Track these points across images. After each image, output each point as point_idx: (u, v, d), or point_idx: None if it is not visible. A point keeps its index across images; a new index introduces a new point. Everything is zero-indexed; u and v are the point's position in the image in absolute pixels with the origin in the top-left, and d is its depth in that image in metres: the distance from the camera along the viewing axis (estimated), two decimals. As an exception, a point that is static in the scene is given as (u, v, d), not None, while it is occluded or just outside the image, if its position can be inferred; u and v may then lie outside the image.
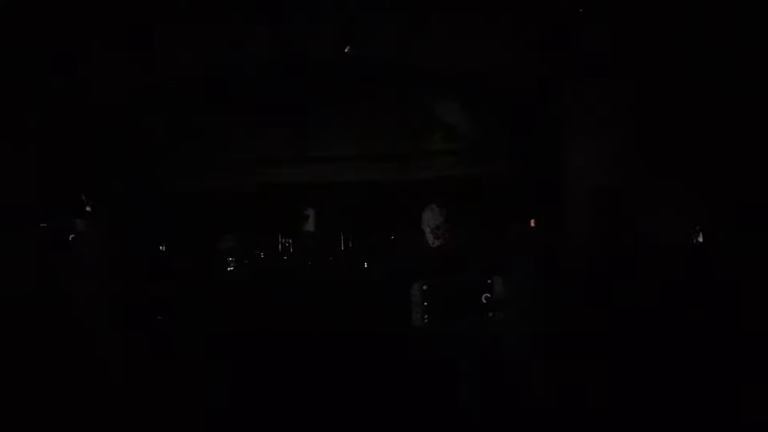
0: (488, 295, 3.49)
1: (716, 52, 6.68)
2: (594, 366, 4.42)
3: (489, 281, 3.53)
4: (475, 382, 3.65)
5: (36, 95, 7.43)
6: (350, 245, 9.42)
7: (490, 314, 3.50)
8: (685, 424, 3.87)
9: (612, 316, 4.89)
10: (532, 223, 9.30)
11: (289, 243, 9.16)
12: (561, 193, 8.62)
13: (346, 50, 8.16)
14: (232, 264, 8.25)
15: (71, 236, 7.21)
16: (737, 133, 6.74)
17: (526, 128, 9.27)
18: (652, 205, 7.22)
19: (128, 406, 4.28)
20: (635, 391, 4.16)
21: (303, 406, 4.26)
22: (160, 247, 8.50)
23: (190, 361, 5.06)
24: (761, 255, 5.43)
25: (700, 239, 6.72)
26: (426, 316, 3.61)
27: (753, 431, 3.74)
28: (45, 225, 7.23)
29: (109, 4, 6.77)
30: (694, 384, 4.16)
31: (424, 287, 3.63)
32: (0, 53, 6.72)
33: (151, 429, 4.15)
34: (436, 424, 3.58)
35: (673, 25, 6.84)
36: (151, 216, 8.81)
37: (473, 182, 9.74)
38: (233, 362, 4.88)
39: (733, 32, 6.48)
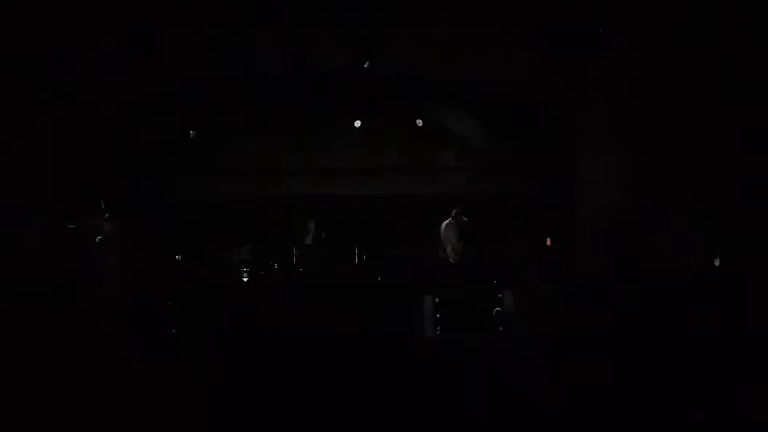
0: (499, 309, 3.55)
1: (733, 69, 6.69)
2: (604, 382, 4.43)
3: (500, 295, 3.59)
4: (484, 392, 3.69)
5: (45, 95, 7.53)
6: (364, 258, 9.49)
7: (501, 328, 3.56)
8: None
9: (622, 333, 4.90)
10: (548, 241, 9.36)
11: (299, 254, 9.24)
12: (574, 209, 8.63)
13: (366, 65, 8.25)
14: (246, 275, 8.32)
15: (98, 238, 7.34)
16: (753, 153, 6.75)
17: (539, 144, 9.31)
18: (664, 222, 7.23)
19: (144, 408, 4.34)
20: (642, 405, 4.16)
21: (313, 409, 4.29)
22: (177, 256, 8.60)
23: (202, 367, 5.11)
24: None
25: (713, 258, 6.73)
26: (438, 328, 3.68)
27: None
28: (71, 226, 7.37)
29: (117, 5, 6.83)
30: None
31: (437, 299, 3.70)
32: (8, 50, 6.83)
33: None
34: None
35: (689, 44, 6.87)
36: (162, 221, 8.94)
37: (486, 197, 9.80)
38: (249, 376, 4.92)
39: (751, 48, 6.50)
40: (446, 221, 9.09)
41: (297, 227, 9.42)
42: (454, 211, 9.15)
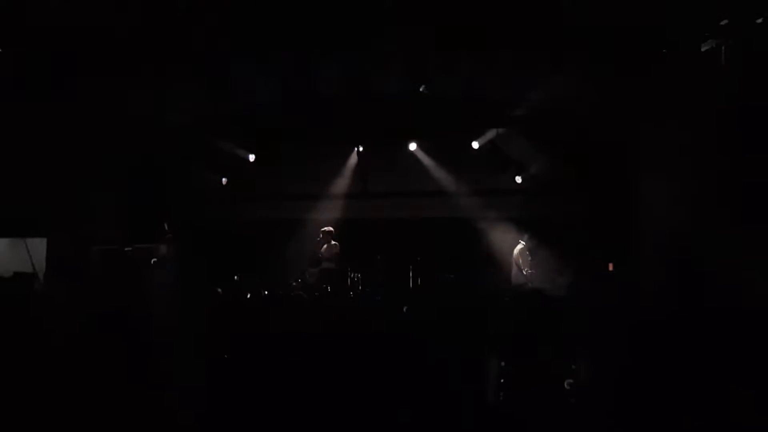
0: (571, 381, 3.32)
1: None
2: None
3: (573, 366, 3.35)
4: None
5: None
6: (419, 282, 9.29)
7: (573, 400, 3.33)
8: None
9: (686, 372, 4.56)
10: (611, 266, 8.98)
11: (358, 277, 9.09)
12: (636, 237, 8.29)
13: (421, 89, 8.18)
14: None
15: (153, 260, 7.59)
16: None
17: (601, 169, 9.01)
18: (732, 254, 6.79)
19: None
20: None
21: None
22: (234, 277, 8.63)
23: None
24: None
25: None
26: (501, 394, 3.48)
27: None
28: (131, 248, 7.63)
29: (189, 34, 6.91)
30: None
31: (503, 363, 3.50)
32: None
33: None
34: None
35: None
36: (218, 243, 9.05)
37: (546, 222, 9.46)
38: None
39: None
40: (518, 246, 8.89)
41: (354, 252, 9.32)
42: (526, 236, 8.93)
